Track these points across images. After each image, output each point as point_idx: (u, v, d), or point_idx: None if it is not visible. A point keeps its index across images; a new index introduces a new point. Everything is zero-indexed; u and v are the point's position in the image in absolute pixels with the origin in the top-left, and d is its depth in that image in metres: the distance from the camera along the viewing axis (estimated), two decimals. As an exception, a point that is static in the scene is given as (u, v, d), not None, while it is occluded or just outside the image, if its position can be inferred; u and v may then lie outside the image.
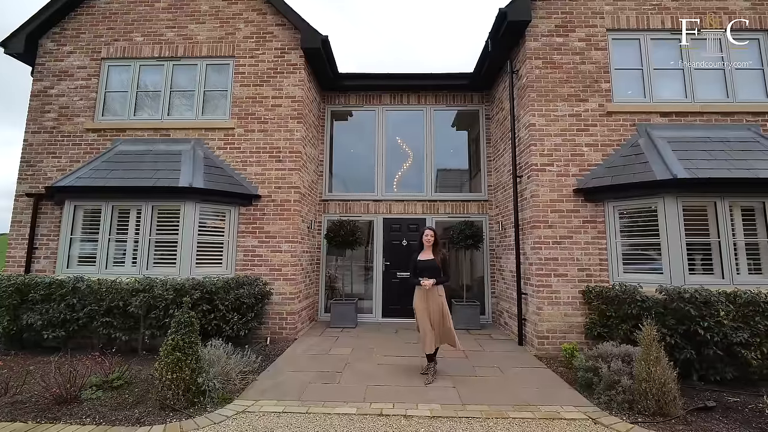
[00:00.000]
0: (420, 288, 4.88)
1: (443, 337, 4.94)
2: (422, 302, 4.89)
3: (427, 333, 4.83)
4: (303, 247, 7.48)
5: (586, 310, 5.79)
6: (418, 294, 4.94)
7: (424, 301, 4.88)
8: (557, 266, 5.94)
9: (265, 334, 6.73)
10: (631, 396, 4.00)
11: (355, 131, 9.17)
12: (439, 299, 4.86)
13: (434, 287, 4.82)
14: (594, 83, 6.24)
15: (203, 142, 7.17)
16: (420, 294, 4.92)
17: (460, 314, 7.54)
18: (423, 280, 4.79)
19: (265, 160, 7.11)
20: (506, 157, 7.44)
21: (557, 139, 6.16)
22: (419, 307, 4.90)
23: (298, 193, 7.05)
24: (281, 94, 7.17)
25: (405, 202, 8.56)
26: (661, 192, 5.44)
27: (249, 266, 6.93)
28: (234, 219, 7.00)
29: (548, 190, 6.09)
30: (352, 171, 9.09)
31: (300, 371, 5.09)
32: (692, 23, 6.24)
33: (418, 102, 8.77)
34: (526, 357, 5.76)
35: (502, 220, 7.70)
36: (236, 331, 5.97)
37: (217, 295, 5.92)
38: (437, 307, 4.84)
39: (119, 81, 7.47)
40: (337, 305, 7.83)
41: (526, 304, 6.33)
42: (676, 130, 6.04)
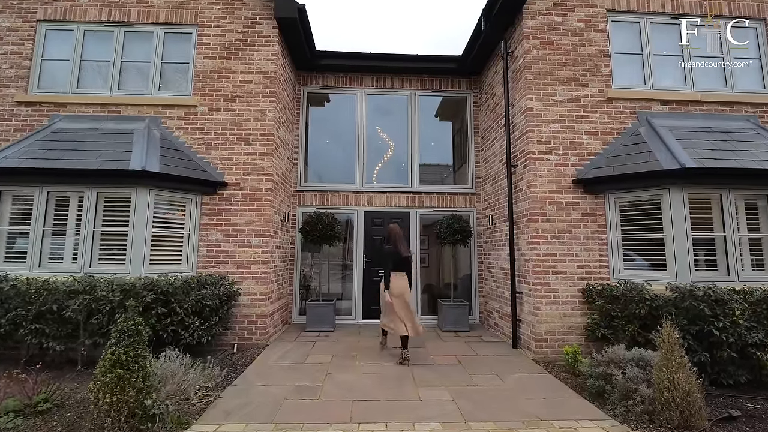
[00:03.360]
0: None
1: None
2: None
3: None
4: (276, 242, 6.73)
5: (587, 309, 5.39)
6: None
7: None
8: (556, 262, 5.50)
9: (231, 341, 5.95)
10: (651, 406, 3.57)
11: (333, 117, 8.44)
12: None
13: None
14: (594, 67, 5.84)
15: (160, 120, 6.27)
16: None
17: (447, 315, 7.01)
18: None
19: (232, 142, 6.30)
20: (497, 146, 6.96)
21: (555, 125, 5.72)
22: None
23: (270, 181, 6.29)
24: (251, 69, 6.37)
25: (388, 194, 7.93)
26: (666, 183, 5.09)
27: (213, 263, 6.11)
28: (196, 209, 6.16)
29: (546, 181, 5.64)
30: (331, 160, 8.38)
31: (273, 385, 4.38)
32: (692, 23, 5.96)
33: (402, 86, 8.14)
34: (524, 362, 5.28)
35: (491, 214, 7.23)
36: (197, 337, 5.18)
37: (175, 297, 5.10)
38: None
39: (59, 48, 6.42)
40: (313, 306, 7.11)
41: (521, 304, 5.86)
42: (677, 119, 5.74)
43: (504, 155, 6.53)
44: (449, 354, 5.57)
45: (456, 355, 5.51)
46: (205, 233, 6.16)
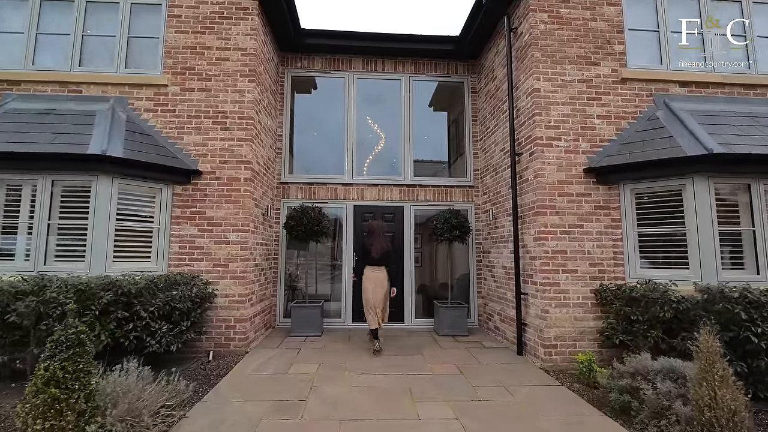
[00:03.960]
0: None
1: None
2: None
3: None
4: (257, 238, 6.11)
5: (600, 312, 4.87)
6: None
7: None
8: (566, 260, 4.97)
9: (207, 347, 5.34)
10: (689, 427, 3.04)
11: (321, 105, 7.83)
12: None
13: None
14: (606, 44, 5.31)
15: (126, 101, 5.61)
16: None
17: (445, 318, 6.45)
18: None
19: (207, 127, 5.66)
20: (498, 134, 6.41)
21: (565, 108, 5.19)
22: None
23: (249, 170, 5.67)
24: (228, 45, 5.73)
25: (380, 187, 7.34)
26: (689, 171, 4.57)
27: (186, 261, 5.49)
28: (167, 201, 5.51)
29: (555, 169, 5.10)
30: (318, 150, 7.75)
31: (249, 400, 3.78)
32: (692, 23, 5.45)
33: (394, 70, 7.53)
34: (531, 371, 4.73)
35: (492, 208, 6.68)
36: (165, 345, 4.56)
37: (139, 299, 4.47)
38: None
39: (12, 19, 5.71)
40: (298, 309, 6.50)
41: (526, 307, 5.32)
42: (698, 102, 5.23)
43: (506, 143, 5.99)
44: (449, 362, 5.01)
45: (456, 363, 4.95)
46: (177, 228, 5.53)
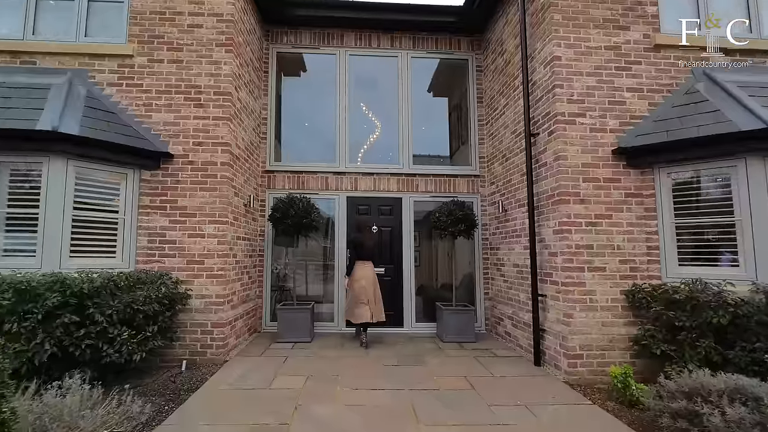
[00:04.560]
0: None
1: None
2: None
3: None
4: (238, 232, 5.41)
5: (632, 317, 4.18)
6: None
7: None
8: (592, 257, 4.28)
9: (180, 355, 4.66)
10: (773, 467, 2.35)
11: (310, 87, 7.12)
12: None
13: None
14: (637, 5, 4.61)
15: (87, 74, 4.90)
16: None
17: (449, 322, 5.75)
18: None
19: (179, 103, 4.95)
20: (509, 114, 5.72)
21: (590, 79, 4.49)
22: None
23: (228, 153, 4.96)
24: (202, 10, 5.00)
25: (375, 176, 6.63)
26: (741, 150, 3.88)
27: (157, 257, 4.81)
28: (133, 188, 4.82)
29: (579, 151, 4.41)
30: (307, 137, 7.04)
31: (221, 424, 3.12)
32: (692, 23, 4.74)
33: (391, 45, 6.79)
34: (554, 385, 4.03)
35: (501, 199, 5.98)
36: (127, 354, 3.87)
37: (94, 300, 3.77)
38: None
39: (-47, -20, 5.02)
40: (285, 312, 5.78)
41: (545, 310, 4.62)
42: (743, 73, 4.52)
43: (518, 124, 5.31)
44: (457, 374, 4.31)
45: (465, 375, 4.25)
46: (145, 219, 4.83)
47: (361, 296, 5.48)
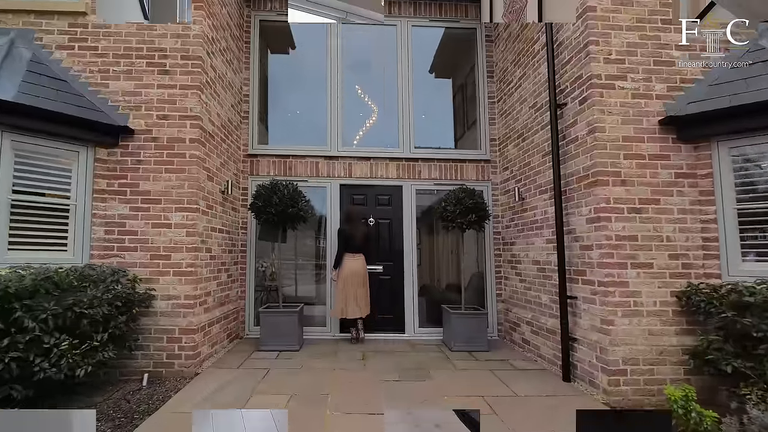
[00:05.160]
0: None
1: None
2: None
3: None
4: (212, 222, 4.65)
5: (685, 324, 3.40)
6: None
7: None
8: (636, 250, 3.49)
9: (144, 367, 3.93)
10: None
11: (300, 65, 6.30)
12: None
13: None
14: (689, -54, 3.82)
15: (33, 35, 4.14)
16: None
17: (458, 328, 4.95)
18: None
19: (140, 69, 4.18)
20: (526, 86, 4.91)
21: (631, 35, 3.68)
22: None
23: (198, 128, 4.19)
24: (163, -42, 4.24)
25: (372, 161, 5.82)
26: (827, 116, 3.09)
27: (115, 251, 4.10)
28: (86, 169, 4.07)
29: (619, 121, 3.61)
30: (296, 119, 6.25)
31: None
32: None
33: (388, 11, 5.89)
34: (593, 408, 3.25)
35: (517, 186, 5.18)
36: (66, 368, 3.12)
37: (23, 302, 3.02)
38: None
39: None
40: (269, 316, 5.01)
41: (576, 315, 3.84)
42: (817, 27, 3.73)
43: (539, 96, 4.52)
44: (471, 393, 3.52)
45: (484, 395, 3.46)
46: (101, 205, 4.10)
47: (351, 292, 5.17)
